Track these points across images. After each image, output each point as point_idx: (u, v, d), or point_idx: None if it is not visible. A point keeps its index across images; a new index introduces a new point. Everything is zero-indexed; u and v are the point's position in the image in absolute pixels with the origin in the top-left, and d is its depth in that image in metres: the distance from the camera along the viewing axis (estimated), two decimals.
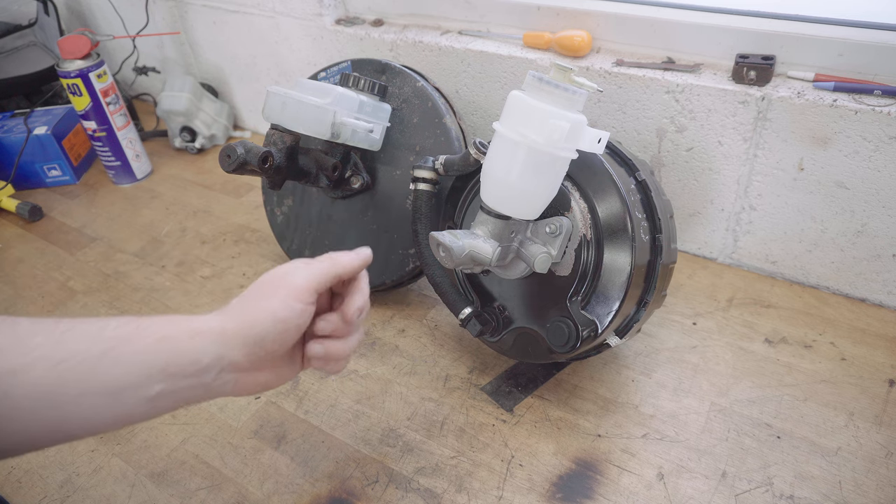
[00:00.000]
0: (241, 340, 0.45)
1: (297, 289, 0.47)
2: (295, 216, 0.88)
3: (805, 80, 0.73)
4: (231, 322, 0.45)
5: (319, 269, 0.48)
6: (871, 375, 0.69)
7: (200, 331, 0.44)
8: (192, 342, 0.43)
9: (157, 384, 0.42)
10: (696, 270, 0.86)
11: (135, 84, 1.40)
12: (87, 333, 0.41)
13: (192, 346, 0.43)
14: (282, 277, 0.48)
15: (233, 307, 0.46)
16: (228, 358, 0.44)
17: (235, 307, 0.46)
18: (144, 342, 0.42)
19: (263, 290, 0.47)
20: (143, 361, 0.41)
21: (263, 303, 0.46)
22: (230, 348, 0.44)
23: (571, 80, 0.53)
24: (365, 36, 0.98)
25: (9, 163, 1.13)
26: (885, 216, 0.72)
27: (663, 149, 0.82)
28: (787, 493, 0.58)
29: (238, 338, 0.45)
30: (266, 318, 0.45)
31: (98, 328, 0.42)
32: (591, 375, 0.72)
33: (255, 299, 0.47)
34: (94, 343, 0.41)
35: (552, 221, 0.59)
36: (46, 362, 0.38)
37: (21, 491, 0.64)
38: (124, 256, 0.98)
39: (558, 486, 0.61)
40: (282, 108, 0.71)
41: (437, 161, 0.69)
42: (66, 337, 0.40)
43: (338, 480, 0.63)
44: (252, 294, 0.47)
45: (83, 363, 0.40)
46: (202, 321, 0.45)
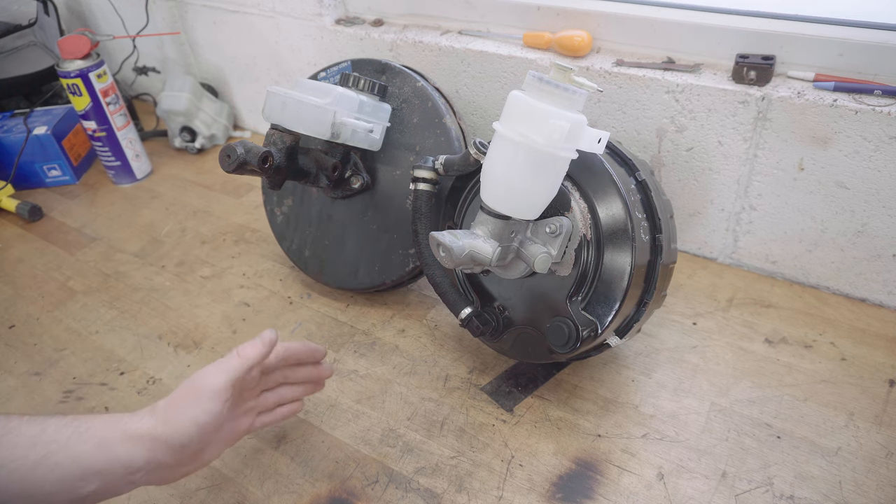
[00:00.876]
0: (169, 445, 0.49)
1: (215, 391, 0.51)
2: (295, 216, 0.88)
3: (805, 80, 0.73)
4: (160, 427, 0.49)
5: (230, 367, 0.53)
6: (872, 375, 0.69)
7: (135, 437, 0.48)
8: (127, 448, 0.47)
9: (90, 485, 0.45)
10: (696, 270, 0.86)
11: (135, 84, 1.40)
12: (24, 437, 0.43)
13: (128, 451, 0.47)
14: (201, 381, 0.52)
15: (161, 410, 0.50)
16: (157, 461, 0.49)
17: (163, 411, 0.50)
18: (83, 447, 0.45)
19: (186, 394, 0.51)
20: (80, 466, 0.45)
21: (188, 410, 0.50)
22: (159, 452, 0.49)
23: (571, 80, 0.53)
24: (365, 36, 0.98)
25: (9, 163, 1.13)
26: (886, 216, 0.72)
27: (663, 149, 0.82)
28: (787, 493, 0.58)
29: (166, 443, 0.49)
30: (189, 425, 0.50)
31: (37, 431, 0.44)
32: (591, 375, 0.72)
33: (180, 405, 0.51)
34: (32, 448, 0.43)
35: (552, 221, 0.59)
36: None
37: None
38: (124, 256, 0.98)
39: (558, 486, 0.61)
40: (282, 108, 0.71)
41: (437, 161, 0.69)
42: (2, 442, 0.42)
43: (338, 480, 0.63)
44: (177, 399, 0.51)
45: (19, 469, 0.42)
46: (137, 425, 0.48)
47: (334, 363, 0.76)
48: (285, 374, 0.62)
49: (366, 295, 0.86)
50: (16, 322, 0.87)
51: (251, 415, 0.59)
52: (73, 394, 0.75)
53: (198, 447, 0.51)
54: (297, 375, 0.64)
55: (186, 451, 0.50)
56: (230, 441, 0.57)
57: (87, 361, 0.79)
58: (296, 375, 0.63)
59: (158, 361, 0.78)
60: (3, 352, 0.82)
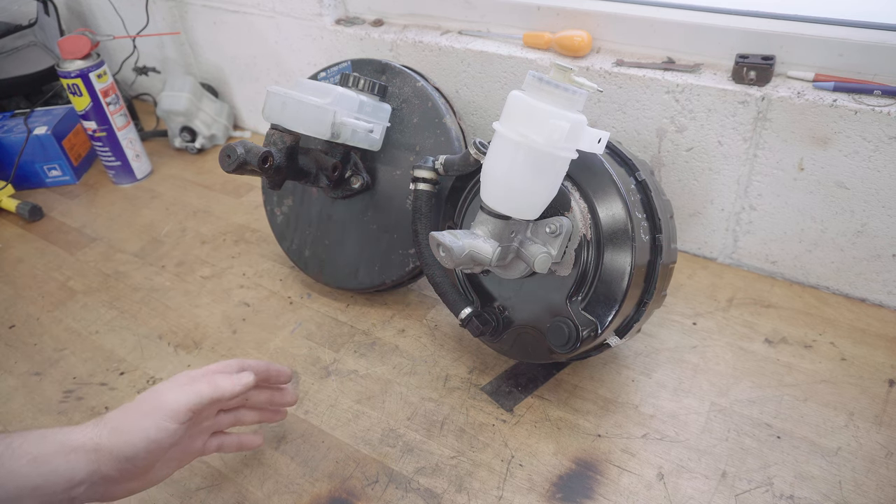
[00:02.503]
0: (114, 457, 0.47)
1: (173, 411, 0.49)
2: (295, 216, 0.88)
3: (805, 80, 0.73)
4: (105, 438, 0.47)
5: (197, 393, 0.51)
6: (871, 375, 0.69)
7: (75, 448, 0.46)
8: (66, 460, 0.45)
9: (27, 502, 0.44)
10: (696, 270, 0.86)
11: (135, 84, 1.40)
12: None
13: (67, 464, 0.45)
14: (160, 396, 0.50)
15: (109, 420, 0.49)
16: (100, 473, 0.47)
17: (112, 421, 0.49)
18: (17, 464, 0.44)
19: (142, 407, 0.50)
20: (14, 485, 0.43)
21: (140, 422, 0.49)
22: (103, 464, 0.47)
23: (571, 80, 0.53)
24: (365, 36, 0.98)
25: (9, 163, 1.13)
26: (885, 216, 0.72)
27: (663, 149, 0.82)
28: (787, 493, 0.58)
29: (111, 455, 0.47)
30: (140, 438, 0.48)
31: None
32: (591, 375, 0.72)
33: (132, 417, 0.49)
34: None
35: (552, 221, 0.59)
36: None
37: None
38: (124, 256, 0.98)
39: (558, 486, 0.61)
40: (282, 108, 0.71)
41: (437, 161, 0.69)
42: None
43: (338, 480, 0.63)
44: (131, 410, 0.49)
45: None
46: (77, 437, 0.47)
47: (334, 363, 0.76)
48: (246, 395, 0.60)
49: (366, 295, 0.86)
50: (16, 322, 0.87)
51: (205, 435, 0.58)
52: (74, 394, 0.75)
53: (145, 463, 0.49)
54: (258, 399, 0.61)
55: (133, 465, 0.48)
56: (181, 461, 0.55)
57: (87, 361, 0.79)
58: (256, 398, 0.61)
59: (158, 361, 0.78)
60: (3, 352, 0.82)
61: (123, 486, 0.50)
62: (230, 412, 0.60)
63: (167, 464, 0.53)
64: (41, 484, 0.44)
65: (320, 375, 0.75)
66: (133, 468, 0.48)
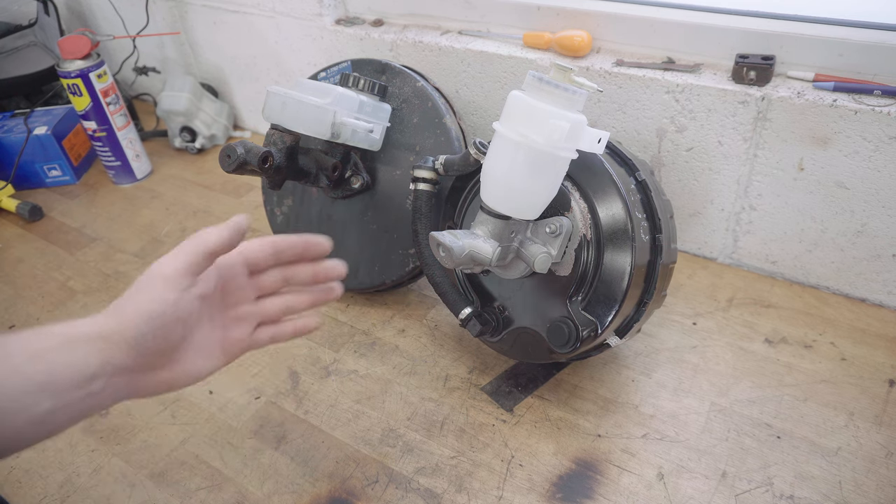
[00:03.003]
0: (123, 342, 0.42)
1: (167, 279, 0.45)
2: (295, 216, 0.88)
3: (805, 80, 0.73)
4: (109, 324, 0.43)
5: (185, 251, 0.46)
6: (871, 375, 0.69)
7: (79, 338, 0.41)
8: (71, 352, 0.41)
9: (42, 402, 0.39)
10: (696, 270, 0.86)
11: (135, 84, 1.40)
12: None
13: (73, 356, 0.41)
14: (150, 272, 0.46)
15: (110, 309, 0.44)
16: (114, 363, 0.42)
17: (112, 307, 0.44)
18: (14, 361, 0.39)
19: (138, 286, 0.45)
20: (14, 384, 0.39)
21: (136, 298, 0.44)
22: (115, 352, 0.42)
23: (571, 80, 0.53)
24: (365, 36, 0.98)
25: (9, 163, 1.13)
26: (885, 216, 0.72)
27: (663, 149, 0.82)
28: (787, 493, 0.58)
29: (120, 339, 0.42)
30: (139, 315, 0.43)
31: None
32: (591, 375, 0.72)
33: (128, 297, 0.44)
34: None
35: (552, 221, 0.59)
36: None
37: (21, 491, 0.64)
38: (124, 256, 0.98)
39: (558, 486, 0.61)
40: (282, 108, 0.71)
41: (437, 161, 0.69)
42: None
43: (338, 480, 0.63)
44: (131, 292, 0.45)
45: None
46: (81, 327, 0.42)
47: (334, 363, 0.76)
48: (285, 275, 0.54)
49: (366, 295, 0.86)
50: (16, 322, 0.87)
51: (248, 323, 0.52)
52: None
53: (156, 344, 0.44)
54: (300, 275, 0.54)
55: (145, 348, 0.43)
56: (224, 351, 0.50)
57: None
58: (298, 275, 0.54)
59: None
60: None
61: (151, 378, 0.45)
62: (276, 296, 0.54)
63: (203, 354, 0.48)
64: (47, 381, 0.39)
65: (320, 375, 0.75)
66: (147, 352, 0.43)
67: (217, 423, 0.69)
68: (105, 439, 0.69)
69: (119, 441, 0.68)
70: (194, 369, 0.48)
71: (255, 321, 0.53)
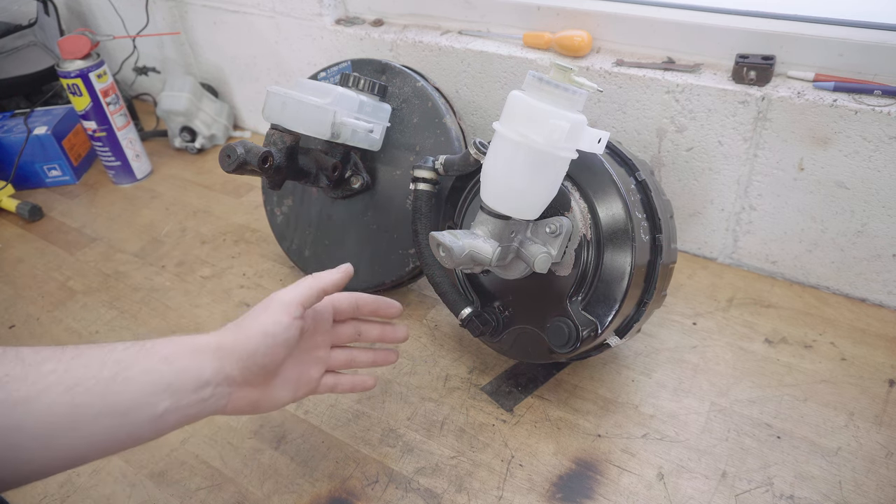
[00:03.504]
0: (237, 355, 0.48)
1: (284, 304, 0.51)
2: (295, 216, 0.88)
3: (805, 80, 0.73)
4: (227, 338, 0.49)
5: (303, 286, 0.53)
6: (871, 375, 0.69)
7: (200, 348, 0.47)
8: (194, 359, 0.46)
9: (163, 402, 0.44)
10: (696, 270, 0.86)
11: (135, 84, 1.40)
12: (95, 358, 0.43)
13: (195, 362, 0.46)
14: (270, 298, 0.52)
15: (228, 327, 0.50)
16: (224, 372, 0.47)
17: (230, 326, 0.50)
18: (150, 362, 0.45)
19: (255, 310, 0.51)
20: (150, 381, 0.44)
21: (258, 317, 0.50)
22: (227, 362, 0.48)
23: (571, 80, 0.53)
24: (365, 36, 0.98)
25: (9, 163, 1.13)
26: (885, 216, 0.72)
27: (663, 149, 0.82)
28: (787, 493, 0.58)
29: (234, 352, 0.48)
30: (257, 332, 0.49)
31: (105, 352, 0.44)
32: (591, 375, 0.72)
33: (248, 319, 0.51)
34: (103, 366, 0.43)
35: (552, 221, 0.59)
36: (59, 387, 0.40)
37: (21, 491, 0.64)
38: (124, 256, 0.98)
39: (558, 486, 0.61)
40: (282, 108, 0.71)
41: (437, 161, 0.69)
42: (74, 363, 0.42)
43: (338, 480, 0.63)
44: (249, 315, 0.51)
45: (95, 386, 0.42)
46: (201, 339, 0.48)
47: None
48: (358, 329, 0.61)
49: None
50: (16, 322, 0.87)
51: (321, 366, 0.58)
52: None
53: (265, 361, 0.49)
54: (370, 334, 0.62)
55: (254, 362, 0.49)
56: (297, 386, 0.55)
57: None
58: (369, 333, 0.61)
59: None
60: None
61: (246, 394, 0.50)
62: (344, 349, 0.61)
63: (286, 384, 0.54)
64: (173, 381, 0.45)
65: None
66: (254, 367, 0.49)
67: (217, 423, 0.69)
68: None
69: None
70: (277, 396, 0.54)
71: (324, 367, 0.59)
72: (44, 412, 0.39)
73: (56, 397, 0.40)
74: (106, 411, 0.42)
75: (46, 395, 0.40)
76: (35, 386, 0.39)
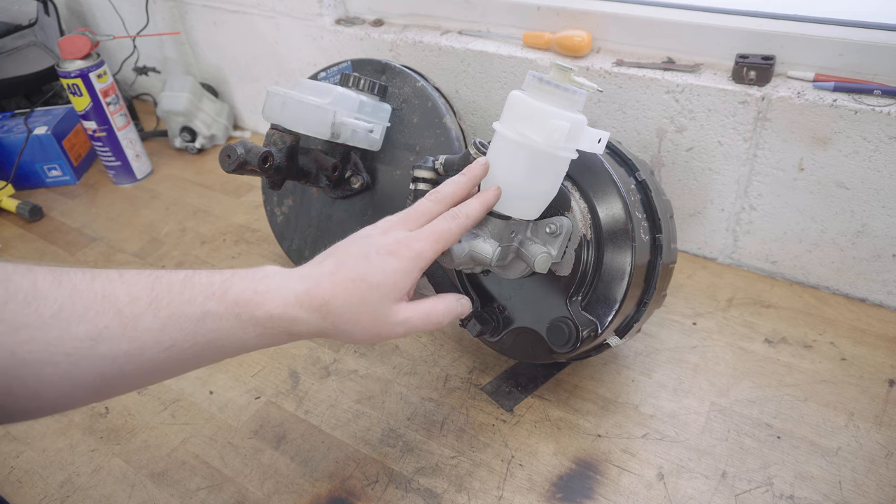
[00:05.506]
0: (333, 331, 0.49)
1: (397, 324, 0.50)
2: (295, 216, 0.88)
3: (805, 80, 0.73)
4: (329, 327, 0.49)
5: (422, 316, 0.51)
6: (872, 375, 0.69)
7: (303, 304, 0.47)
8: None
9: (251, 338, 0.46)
10: (696, 270, 0.86)
11: (135, 84, 1.40)
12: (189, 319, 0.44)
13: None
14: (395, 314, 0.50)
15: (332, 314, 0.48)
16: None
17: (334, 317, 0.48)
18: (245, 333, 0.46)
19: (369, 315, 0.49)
20: (241, 346, 0.46)
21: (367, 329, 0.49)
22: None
23: (571, 80, 0.53)
24: (365, 36, 0.98)
25: (9, 163, 1.13)
26: (886, 216, 0.72)
27: (663, 149, 0.82)
28: (787, 493, 0.58)
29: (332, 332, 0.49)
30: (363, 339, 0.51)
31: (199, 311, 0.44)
32: (591, 375, 0.72)
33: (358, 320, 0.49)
34: (197, 333, 0.44)
35: (552, 221, 0.59)
36: (156, 347, 0.42)
37: (21, 491, 0.64)
38: (124, 256, 0.98)
39: (558, 486, 0.61)
40: (282, 108, 0.71)
41: (437, 161, 0.69)
42: (170, 323, 0.43)
43: (338, 480, 0.63)
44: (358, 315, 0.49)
45: (191, 348, 0.44)
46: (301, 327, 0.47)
47: (334, 363, 0.76)
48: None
49: None
50: None
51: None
52: None
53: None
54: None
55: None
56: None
57: None
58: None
59: None
60: None
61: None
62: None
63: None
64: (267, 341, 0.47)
65: (320, 375, 0.75)
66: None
67: (217, 423, 0.70)
68: (105, 439, 0.69)
69: (119, 441, 0.68)
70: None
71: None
72: (143, 365, 0.42)
73: (154, 354, 0.42)
74: (198, 362, 0.45)
75: (144, 353, 0.41)
76: (133, 343, 0.41)
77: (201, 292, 0.44)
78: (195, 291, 0.44)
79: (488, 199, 0.54)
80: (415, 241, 0.49)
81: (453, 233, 0.51)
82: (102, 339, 0.40)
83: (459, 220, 0.52)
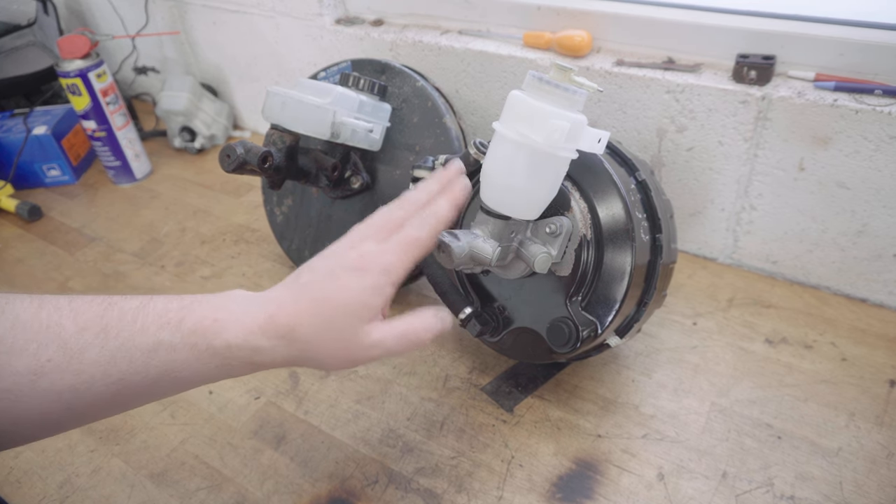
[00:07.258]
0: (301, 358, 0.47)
1: (369, 347, 0.47)
2: (295, 216, 0.88)
3: (806, 79, 0.73)
4: (296, 353, 0.46)
5: (399, 337, 0.48)
6: (872, 376, 0.69)
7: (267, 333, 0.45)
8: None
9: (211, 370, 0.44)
10: (697, 270, 0.86)
11: (134, 84, 1.40)
12: (138, 350, 0.41)
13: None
14: (362, 338, 0.46)
15: (301, 342, 0.45)
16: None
17: (303, 343, 0.46)
18: (201, 363, 0.43)
19: (339, 337, 0.46)
20: (201, 378, 0.44)
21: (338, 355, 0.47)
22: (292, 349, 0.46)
23: (571, 80, 0.53)
24: (365, 36, 0.98)
25: (8, 163, 1.13)
26: (886, 216, 0.72)
27: (663, 149, 0.82)
28: (787, 493, 0.58)
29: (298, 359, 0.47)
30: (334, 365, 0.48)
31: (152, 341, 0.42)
32: (591, 375, 0.72)
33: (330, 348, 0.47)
34: (149, 365, 0.41)
35: (552, 221, 0.59)
36: (104, 381, 0.40)
37: (21, 491, 0.64)
38: (124, 256, 0.98)
39: (558, 486, 0.61)
40: (281, 108, 0.70)
41: (436, 161, 0.69)
42: (119, 355, 0.41)
43: (338, 480, 0.63)
44: (325, 338, 0.46)
45: (142, 382, 0.41)
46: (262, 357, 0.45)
47: None
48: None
49: None
50: None
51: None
52: None
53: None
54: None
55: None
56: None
57: None
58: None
59: None
60: None
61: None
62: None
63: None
64: (224, 373, 0.44)
65: (320, 375, 0.74)
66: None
67: (217, 423, 0.69)
68: (104, 439, 0.68)
69: (119, 441, 0.68)
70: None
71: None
72: (90, 400, 0.39)
73: (102, 388, 0.39)
74: (151, 395, 0.43)
75: (92, 387, 0.39)
76: (79, 377, 0.38)
77: (155, 321, 0.41)
78: (148, 320, 0.41)
79: (455, 194, 0.51)
80: (382, 255, 0.46)
81: (423, 240, 0.48)
82: (45, 374, 0.37)
83: (429, 224, 0.49)
